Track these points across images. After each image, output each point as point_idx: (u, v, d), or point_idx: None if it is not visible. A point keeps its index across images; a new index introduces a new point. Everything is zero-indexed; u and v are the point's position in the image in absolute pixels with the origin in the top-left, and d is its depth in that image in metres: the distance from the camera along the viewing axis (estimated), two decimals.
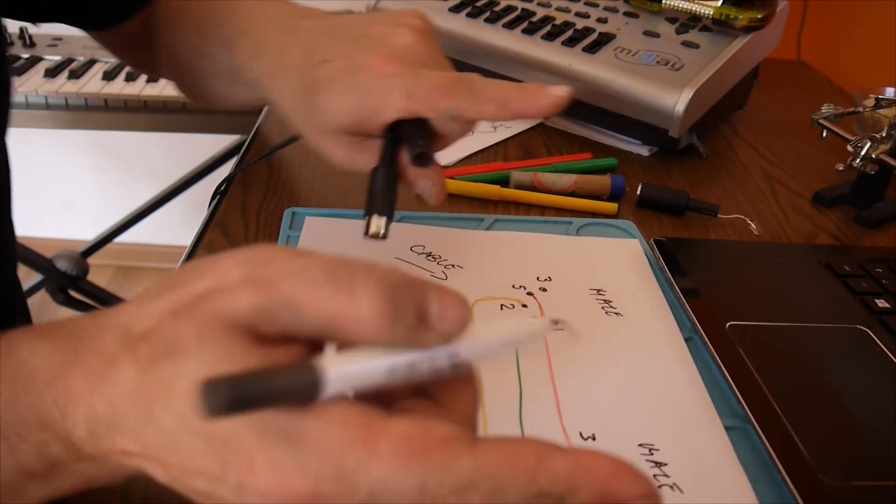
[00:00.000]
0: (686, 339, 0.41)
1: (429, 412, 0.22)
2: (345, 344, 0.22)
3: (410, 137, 0.38)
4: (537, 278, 0.45)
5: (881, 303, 0.45)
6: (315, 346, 0.22)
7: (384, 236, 0.37)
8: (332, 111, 0.38)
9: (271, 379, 0.19)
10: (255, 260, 0.22)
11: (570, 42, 0.66)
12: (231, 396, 0.18)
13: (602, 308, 0.43)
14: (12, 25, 1.25)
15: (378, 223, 0.37)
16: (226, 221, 0.50)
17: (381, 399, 0.22)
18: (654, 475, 0.32)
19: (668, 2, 0.68)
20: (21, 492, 0.25)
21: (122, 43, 0.55)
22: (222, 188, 0.55)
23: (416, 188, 0.40)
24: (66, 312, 1.58)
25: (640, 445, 0.34)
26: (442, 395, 0.23)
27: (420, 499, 0.19)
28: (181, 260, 0.47)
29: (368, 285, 0.21)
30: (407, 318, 0.21)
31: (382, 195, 0.38)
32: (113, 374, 0.22)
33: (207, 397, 0.18)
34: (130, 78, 1.14)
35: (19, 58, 1.15)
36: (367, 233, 0.37)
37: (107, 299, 1.43)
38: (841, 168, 0.57)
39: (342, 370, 0.20)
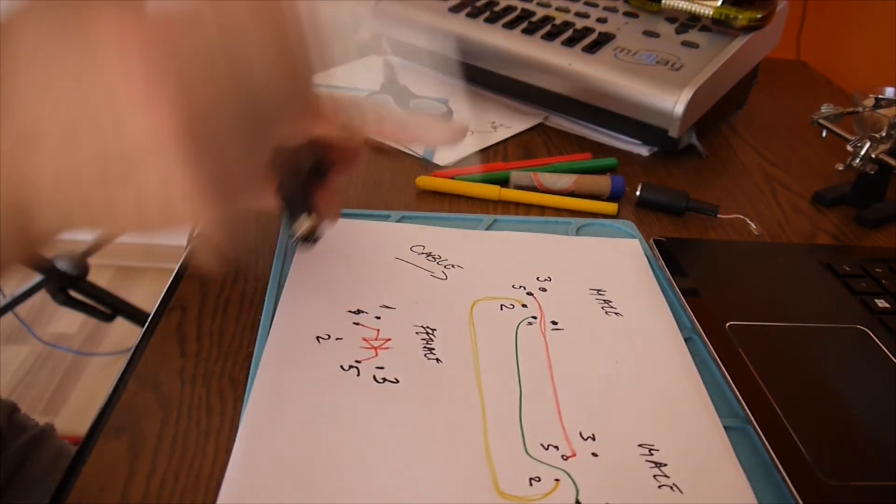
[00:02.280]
0: (686, 339, 0.41)
1: None
2: None
3: (300, 153, 0.35)
4: (537, 278, 0.45)
5: (881, 303, 0.45)
6: None
7: (317, 237, 0.33)
8: None
9: None
10: None
11: (570, 42, 0.66)
12: None
13: (602, 308, 0.43)
14: None
15: (306, 221, 0.33)
16: None
17: None
18: (654, 475, 0.32)
19: (667, 2, 0.68)
20: None
21: None
22: None
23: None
24: (66, 312, 1.58)
25: (640, 445, 0.34)
26: None
27: None
28: (180, 259, 0.47)
29: None
30: None
31: (300, 194, 0.34)
32: None
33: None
34: None
35: None
36: (299, 237, 0.33)
37: (107, 299, 1.43)
38: (841, 168, 0.57)
39: None
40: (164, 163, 0.23)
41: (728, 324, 0.42)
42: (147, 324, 0.40)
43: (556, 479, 0.32)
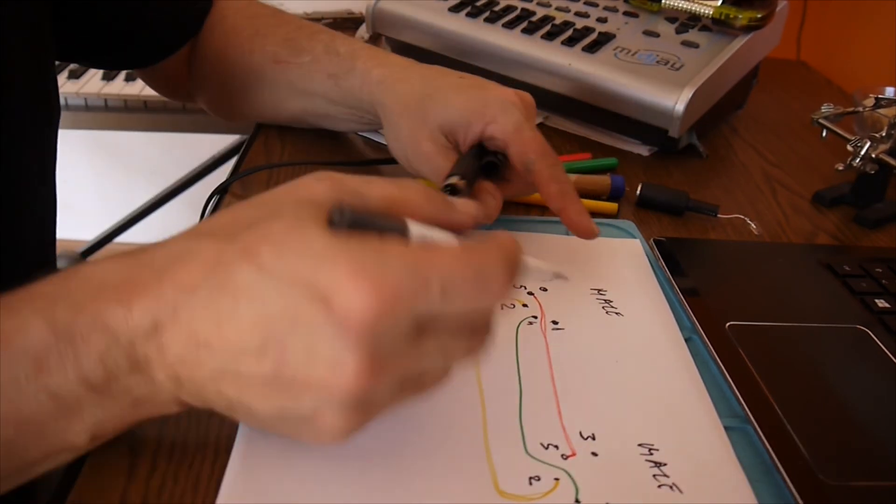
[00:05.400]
0: (686, 339, 0.41)
1: None
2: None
3: (490, 153, 0.45)
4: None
5: (881, 303, 0.45)
6: None
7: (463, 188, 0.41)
8: (448, 106, 0.45)
9: (376, 217, 0.27)
10: (325, 173, 0.29)
11: (570, 42, 0.66)
12: (354, 215, 0.26)
13: (602, 308, 0.43)
14: None
15: (454, 179, 0.41)
16: None
17: None
18: (654, 475, 0.32)
19: (667, 1, 0.68)
20: (78, 408, 0.26)
21: (159, 77, 0.59)
22: (217, 193, 0.54)
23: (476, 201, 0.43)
24: None
25: (640, 445, 0.34)
26: None
27: (479, 286, 0.25)
28: None
29: (412, 183, 0.30)
30: (439, 201, 0.30)
31: (465, 162, 0.44)
32: (185, 258, 0.25)
33: (336, 213, 0.26)
34: (130, 78, 1.14)
35: None
36: (447, 185, 0.41)
37: None
38: (841, 168, 0.57)
39: (419, 228, 0.28)
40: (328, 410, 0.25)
41: (728, 324, 0.42)
42: None
43: (556, 479, 0.32)
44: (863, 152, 0.56)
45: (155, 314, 0.25)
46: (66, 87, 1.10)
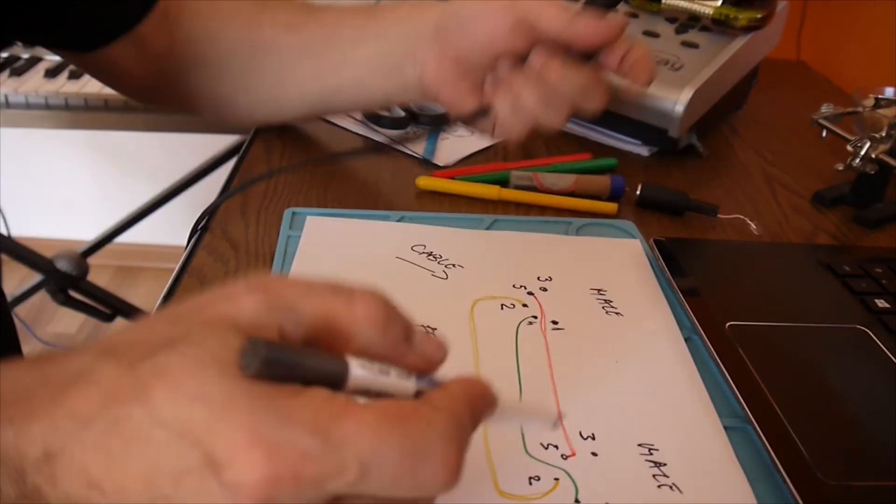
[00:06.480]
0: (686, 339, 0.41)
1: None
2: (337, 347, 0.23)
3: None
4: (538, 278, 0.45)
5: (881, 303, 0.45)
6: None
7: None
8: (486, 23, 0.43)
9: (304, 355, 0.21)
10: (262, 279, 0.23)
11: None
12: (269, 356, 0.20)
13: (602, 308, 0.43)
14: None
15: None
16: (226, 222, 0.50)
17: None
18: (654, 475, 0.32)
19: (667, 2, 0.68)
20: None
21: (104, 68, 0.52)
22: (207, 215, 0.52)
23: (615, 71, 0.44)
24: (66, 313, 1.58)
25: (640, 445, 0.34)
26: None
27: (413, 469, 0.20)
28: (181, 260, 0.47)
29: (366, 295, 0.23)
30: (396, 330, 0.24)
31: None
32: (84, 381, 0.21)
33: (247, 353, 0.20)
34: None
35: (19, 58, 1.15)
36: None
37: (107, 299, 1.43)
38: (841, 168, 0.57)
39: (362, 371, 0.22)
40: None
41: (728, 324, 0.42)
42: None
43: (556, 479, 0.32)
44: (863, 152, 0.56)
45: (47, 443, 0.21)
46: (67, 87, 1.10)
